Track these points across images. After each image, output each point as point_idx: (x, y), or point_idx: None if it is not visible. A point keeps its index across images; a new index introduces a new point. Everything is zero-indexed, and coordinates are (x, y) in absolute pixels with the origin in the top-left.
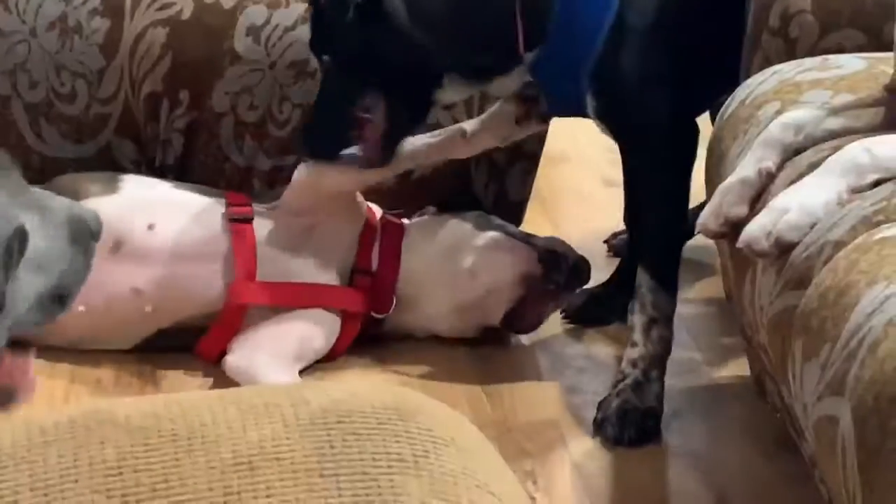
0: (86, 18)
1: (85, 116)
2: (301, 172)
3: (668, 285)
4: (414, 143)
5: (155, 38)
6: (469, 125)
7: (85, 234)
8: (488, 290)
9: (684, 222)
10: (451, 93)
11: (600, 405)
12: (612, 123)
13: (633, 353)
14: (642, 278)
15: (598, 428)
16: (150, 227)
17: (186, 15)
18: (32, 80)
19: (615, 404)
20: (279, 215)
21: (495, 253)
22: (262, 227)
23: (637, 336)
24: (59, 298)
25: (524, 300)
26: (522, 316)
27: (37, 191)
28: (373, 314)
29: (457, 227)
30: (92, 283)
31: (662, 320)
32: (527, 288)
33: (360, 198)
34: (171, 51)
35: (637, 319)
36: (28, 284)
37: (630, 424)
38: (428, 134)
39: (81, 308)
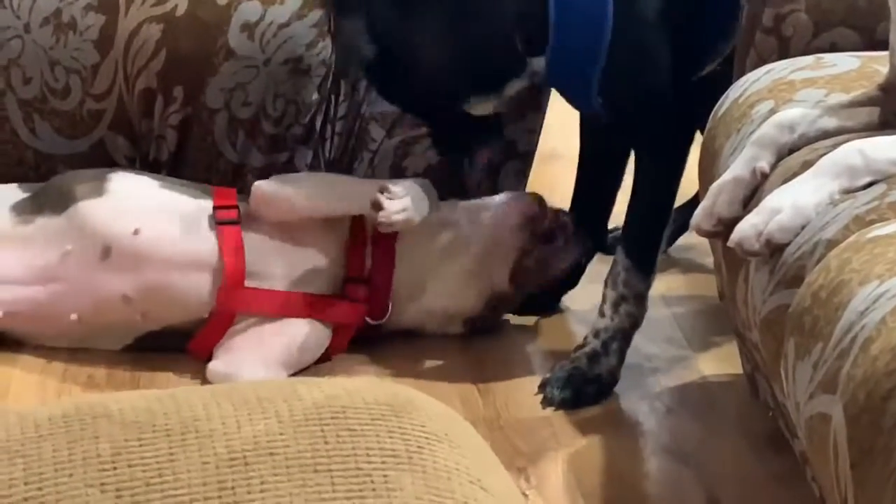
0: (80, 14)
1: (79, 112)
2: (255, 190)
3: (643, 266)
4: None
5: (149, 34)
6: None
7: None
8: (493, 241)
9: (672, 208)
10: (481, 108)
11: (553, 368)
12: (616, 110)
13: (599, 323)
14: (620, 256)
15: (542, 388)
16: (136, 232)
17: (181, 11)
18: (26, 75)
19: (566, 369)
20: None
21: (493, 202)
22: (248, 229)
23: (606, 308)
24: None
25: (527, 252)
26: (529, 271)
27: None
28: (368, 321)
29: (449, 212)
30: (84, 290)
31: (632, 298)
32: (530, 233)
33: None
34: (165, 47)
35: (608, 293)
36: None
37: (570, 388)
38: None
39: (74, 317)
